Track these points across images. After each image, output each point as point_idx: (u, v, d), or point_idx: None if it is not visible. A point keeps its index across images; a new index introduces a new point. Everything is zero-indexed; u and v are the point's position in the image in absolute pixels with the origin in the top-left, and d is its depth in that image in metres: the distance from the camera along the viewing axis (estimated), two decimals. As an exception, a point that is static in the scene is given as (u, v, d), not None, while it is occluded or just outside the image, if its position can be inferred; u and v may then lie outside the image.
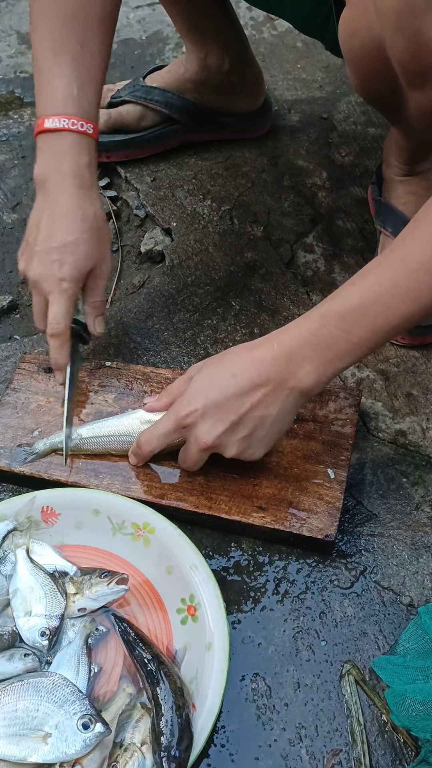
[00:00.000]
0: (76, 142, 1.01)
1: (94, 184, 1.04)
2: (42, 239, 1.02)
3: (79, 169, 1.02)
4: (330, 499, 0.98)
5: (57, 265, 1.00)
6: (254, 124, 1.52)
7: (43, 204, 1.03)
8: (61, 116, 1.00)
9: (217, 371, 0.92)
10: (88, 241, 1.01)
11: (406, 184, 1.24)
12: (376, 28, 0.91)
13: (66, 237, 1.00)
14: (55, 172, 1.02)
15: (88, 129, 1.02)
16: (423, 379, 1.17)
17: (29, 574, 0.89)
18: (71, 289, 1.01)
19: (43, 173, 1.03)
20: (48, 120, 1.01)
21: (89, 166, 1.03)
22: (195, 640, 0.86)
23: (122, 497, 0.97)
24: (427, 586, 0.96)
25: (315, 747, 0.85)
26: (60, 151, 1.01)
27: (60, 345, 1.03)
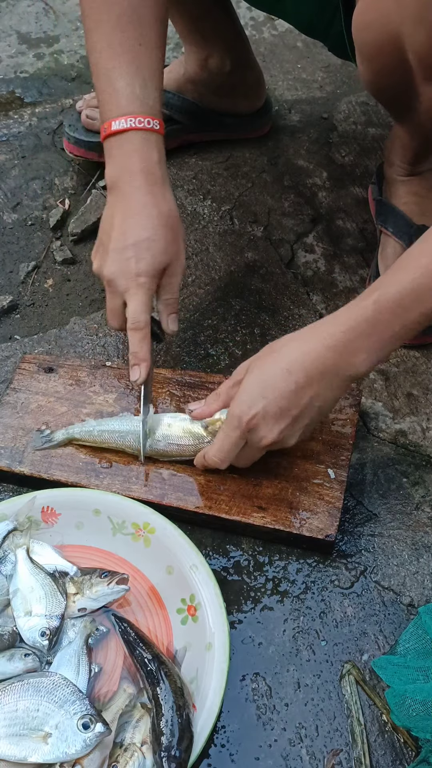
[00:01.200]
0: (144, 139, 1.01)
1: (166, 180, 1.03)
2: (116, 237, 1.00)
3: (149, 166, 1.01)
4: (330, 499, 0.98)
5: (133, 261, 0.99)
6: (254, 124, 1.52)
7: (115, 204, 1.02)
8: (126, 116, 1.00)
9: (271, 369, 0.91)
10: (163, 238, 1.00)
11: (408, 183, 1.24)
12: (393, 20, 0.91)
13: (141, 234, 0.99)
14: (126, 172, 1.01)
15: (154, 125, 1.01)
16: (423, 379, 1.17)
17: (29, 574, 0.89)
18: (148, 283, 1.00)
19: (114, 174, 1.02)
20: (114, 122, 1.00)
21: (159, 162, 1.02)
22: (195, 640, 0.86)
23: (122, 497, 0.97)
24: (428, 586, 0.96)
25: (315, 747, 0.85)
26: (129, 151, 1.01)
27: (141, 339, 1.00)
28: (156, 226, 1.00)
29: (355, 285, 1.30)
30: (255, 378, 0.91)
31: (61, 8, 1.85)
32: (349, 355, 0.88)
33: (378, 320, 0.87)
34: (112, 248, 1.01)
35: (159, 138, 1.02)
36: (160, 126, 1.02)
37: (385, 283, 0.88)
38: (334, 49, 1.25)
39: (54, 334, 1.23)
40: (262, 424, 0.91)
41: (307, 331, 0.92)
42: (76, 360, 1.14)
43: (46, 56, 1.74)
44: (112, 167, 1.03)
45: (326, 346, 0.89)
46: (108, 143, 1.02)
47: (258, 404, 0.90)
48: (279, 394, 0.90)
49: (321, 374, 0.89)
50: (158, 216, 1.00)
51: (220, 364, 1.19)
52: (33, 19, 1.83)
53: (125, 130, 1.00)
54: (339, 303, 1.27)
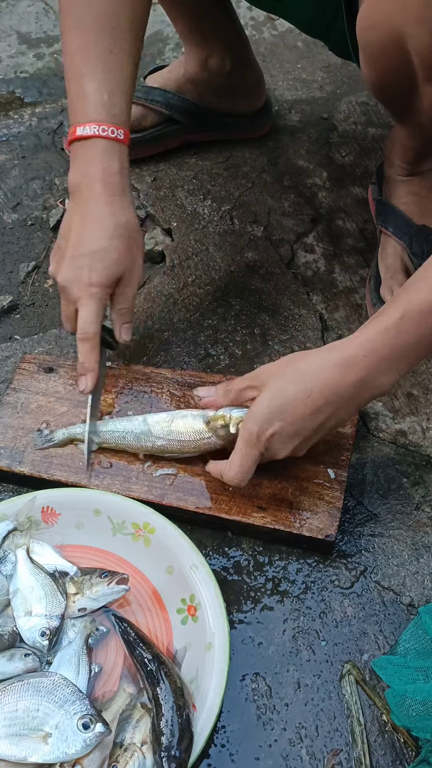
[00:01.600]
0: (107, 148, 1.01)
1: (125, 190, 1.04)
2: (72, 245, 1.02)
3: (110, 176, 1.02)
4: (330, 499, 0.98)
5: (86, 270, 1.00)
6: (255, 124, 1.52)
7: (74, 210, 1.04)
8: (92, 123, 1.01)
9: (291, 390, 0.89)
10: (118, 248, 1.01)
11: (408, 184, 1.24)
12: (397, 20, 0.91)
13: (96, 243, 1.01)
14: (87, 178, 1.02)
15: (118, 135, 1.02)
16: (423, 379, 1.17)
17: (29, 574, 0.89)
18: (99, 294, 1.01)
19: (76, 180, 1.03)
20: (80, 128, 1.01)
21: (120, 172, 1.03)
22: (195, 640, 0.86)
23: (122, 497, 0.97)
24: (428, 586, 0.96)
25: (315, 747, 0.85)
26: (91, 158, 1.02)
27: (90, 349, 1.02)
28: (111, 236, 1.01)
29: (355, 285, 1.30)
30: (274, 396, 0.90)
31: (61, 8, 1.85)
32: (371, 380, 0.88)
33: (400, 344, 0.87)
34: (68, 255, 1.02)
35: (122, 148, 1.03)
36: (124, 135, 1.03)
37: (406, 303, 0.86)
38: (335, 48, 1.25)
39: (54, 334, 1.23)
40: (276, 442, 0.91)
41: (328, 353, 0.90)
42: (76, 360, 1.14)
43: (46, 56, 1.74)
44: (75, 172, 1.04)
45: (347, 373, 0.88)
46: (73, 147, 1.03)
47: (275, 424, 0.89)
48: (297, 417, 0.89)
49: (340, 398, 0.89)
50: (114, 226, 1.01)
51: (220, 364, 1.19)
52: (33, 19, 1.83)
53: (89, 137, 1.01)
54: (339, 303, 1.27)
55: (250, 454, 0.91)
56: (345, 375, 0.88)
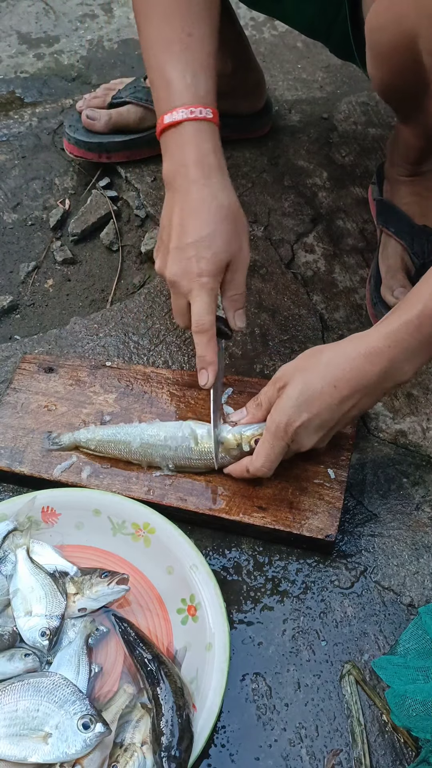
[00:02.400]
0: (197, 129, 0.97)
1: (223, 170, 0.99)
2: (176, 236, 0.97)
3: (204, 156, 0.98)
4: (330, 499, 0.98)
5: (194, 260, 0.96)
6: (254, 125, 1.52)
7: (172, 200, 0.99)
8: (178, 108, 0.97)
9: (317, 382, 0.90)
10: (225, 232, 0.97)
11: (410, 184, 1.24)
12: (409, 20, 0.91)
13: (201, 230, 0.96)
14: (181, 165, 0.98)
15: (207, 114, 0.98)
16: (423, 379, 1.17)
17: (29, 574, 0.89)
18: (211, 283, 0.97)
19: (170, 169, 0.99)
20: (167, 115, 0.98)
21: (215, 151, 0.99)
22: (195, 640, 0.86)
23: (122, 497, 0.97)
24: (428, 586, 0.96)
25: (315, 747, 0.85)
26: (183, 143, 0.98)
27: (207, 341, 0.98)
28: (216, 221, 0.97)
29: (355, 285, 1.30)
30: (300, 389, 0.91)
31: (61, 8, 1.85)
32: (395, 370, 0.90)
33: (423, 333, 0.88)
34: (173, 247, 0.97)
35: (213, 127, 0.99)
36: (213, 114, 0.98)
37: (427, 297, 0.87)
38: (335, 50, 1.25)
39: (54, 334, 1.23)
40: (303, 434, 0.92)
41: (352, 345, 0.91)
42: (77, 360, 1.14)
43: (47, 56, 1.74)
44: (168, 161, 1.00)
45: (372, 363, 0.89)
46: (163, 138, 1.00)
47: (302, 416, 0.91)
48: (324, 408, 0.91)
49: (365, 388, 0.90)
50: (217, 210, 0.97)
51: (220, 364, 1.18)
52: (33, 19, 1.83)
53: (178, 123, 0.97)
54: (339, 303, 1.27)
55: (276, 446, 0.93)
56: (370, 365, 0.89)
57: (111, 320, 1.24)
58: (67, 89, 1.66)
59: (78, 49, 1.75)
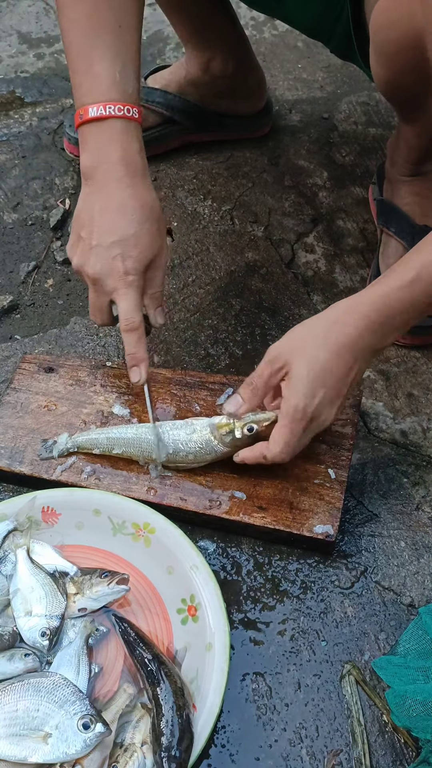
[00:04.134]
0: (124, 128, 0.96)
1: (146, 170, 0.99)
2: (98, 233, 0.97)
3: (130, 156, 0.97)
4: (330, 499, 0.98)
5: (120, 259, 0.96)
6: (255, 125, 1.52)
7: (94, 196, 0.98)
8: (105, 103, 0.95)
9: (322, 355, 0.91)
10: (149, 232, 0.97)
11: (411, 184, 1.24)
12: (417, 20, 0.91)
13: (127, 229, 0.96)
14: (104, 161, 0.97)
15: (134, 114, 0.97)
16: (424, 379, 1.17)
17: (30, 574, 0.89)
18: (138, 281, 0.97)
19: (92, 164, 0.98)
20: (92, 108, 0.96)
21: (140, 152, 0.98)
22: (195, 640, 0.86)
23: (123, 497, 0.97)
24: (428, 587, 0.96)
25: (315, 747, 0.85)
26: (108, 140, 0.97)
27: (137, 339, 0.98)
28: (141, 220, 0.97)
29: (355, 285, 1.30)
30: (310, 366, 0.91)
31: (62, 8, 1.85)
32: (384, 335, 0.93)
33: (414, 301, 0.90)
34: (96, 245, 0.97)
35: (138, 127, 0.98)
36: (138, 114, 0.98)
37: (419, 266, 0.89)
38: (336, 50, 1.25)
39: (54, 334, 1.23)
40: (322, 411, 0.92)
41: (343, 311, 0.92)
42: (77, 360, 1.14)
43: (47, 56, 1.74)
44: (89, 156, 0.98)
45: (366, 327, 0.91)
46: (83, 130, 0.98)
47: (318, 393, 0.91)
48: (336, 379, 0.92)
49: (362, 352, 0.92)
50: (141, 209, 0.97)
51: (220, 364, 1.18)
52: (33, 19, 1.83)
53: (104, 118, 0.96)
54: (339, 303, 1.27)
55: (296, 430, 0.92)
56: (363, 332, 0.91)
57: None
58: (67, 89, 1.65)
59: (78, 49, 1.75)
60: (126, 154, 0.97)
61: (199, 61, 1.40)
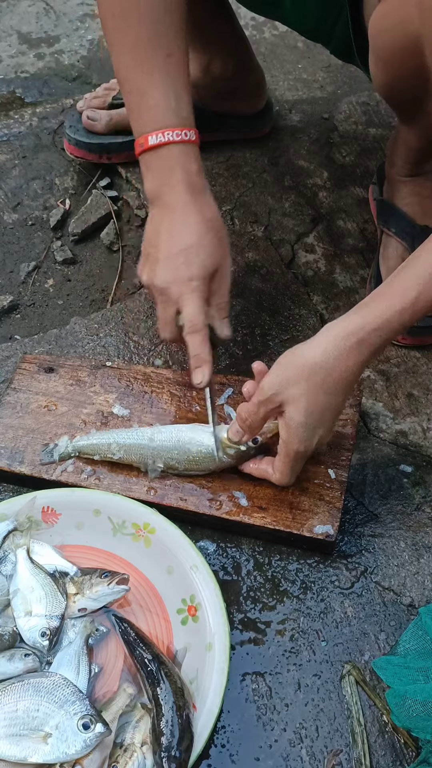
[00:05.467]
0: (183, 152, 1.02)
1: (206, 188, 1.04)
2: (164, 247, 1.02)
3: (191, 177, 1.02)
4: (330, 499, 0.98)
5: (184, 267, 1.00)
6: (255, 125, 1.52)
7: (159, 216, 1.04)
8: (163, 130, 1.01)
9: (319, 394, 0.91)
10: (211, 242, 1.01)
11: (411, 184, 1.24)
12: (414, 23, 0.91)
13: (188, 240, 1.01)
14: (167, 185, 1.02)
15: (191, 137, 1.02)
16: (424, 379, 1.17)
17: (30, 575, 0.89)
18: (201, 286, 1.00)
19: (155, 189, 1.04)
20: (151, 137, 1.01)
21: (198, 172, 1.03)
22: (195, 641, 0.86)
23: (123, 497, 0.97)
24: (428, 587, 0.96)
25: (315, 747, 0.85)
26: (169, 165, 1.02)
27: (201, 341, 1.00)
28: (202, 231, 1.01)
29: (355, 285, 1.30)
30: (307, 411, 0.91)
31: (62, 8, 1.85)
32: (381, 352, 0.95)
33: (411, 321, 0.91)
34: (162, 257, 1.01)
35: (196, 148, 1.03)
36: (196, 136, 1.03)
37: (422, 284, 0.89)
38: (336, 51, 1.25)
39: (54, 334, 1.23)
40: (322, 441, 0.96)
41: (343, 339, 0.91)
42: (77, 360, 1.14)
43: (47, 56, 1.74)
44: (153, 181, 1.04)
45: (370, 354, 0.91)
46: (145, 157, 1.03)
47: (318, 431, 0.94)
48: (335, 413, 0.95)
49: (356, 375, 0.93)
50: (203, 222, 1.01)
51: (220, 364, 1.18)
52: (33, 19, 1.83)
53: (163, 144, 1.01)
54: (339, 303, 1.27)
55: (297, 465, 0.97)
56: (369, 356, 0.91)
57: (111, 320, 1.24)
58: (67, 89, 1.65)
59: (78, 49, 1.75)
60: (187, 176, 1.02)
61: (200, 63, 1.40)
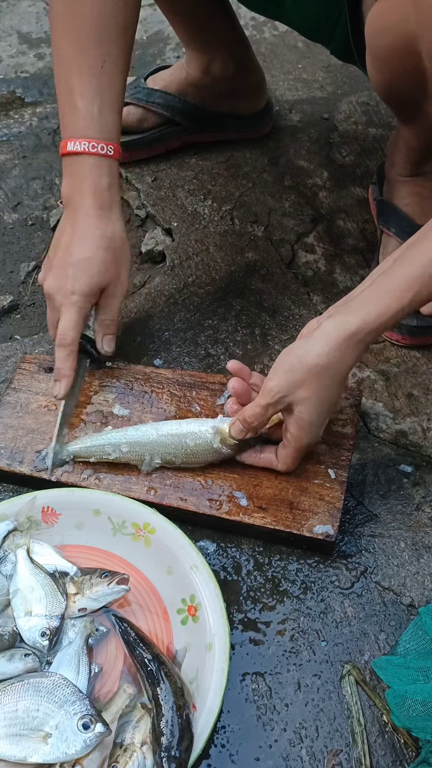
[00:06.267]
0: (96, 164, 1.04)
1: (114, 204, 1.06)
2: (61, 255, 1.05)
3: (99, 191, 1.04)
4: (330, 499, 0.98)
5: (70, 279, 1.03)
6: (255, 125, 1.52)
7: (66, 223, 1.07)
8: (82, 139, 1.03)
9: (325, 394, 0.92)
10: (103, 260, 1.04)
11: (410, 184, 1.24)
12: (410, 24, 0.91)
13: (81, 253, 1.03)
14: (77, 193, 1.05)
15: (108, 151, 1.04)
16: (424, 379, 1.17)
17: (30, 575, 0.89)
18: (80, 302, 1.03)
19: (67, 194, 1.06)
20: (70, 143, 1.04)
21: (110, 187, 1.05)
22: (195, 641, 0.86)
23: (123, 497, 0.97)
24: (428, 587, 0.96)
25: (315, 747, 0.85)
26: (81, 173, 1.04)
27: (66, 355, 1.04)
28: (97, 247, 1.04)
29: (355, 285, 1.29)
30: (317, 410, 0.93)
31: (62, 8, 1.85)
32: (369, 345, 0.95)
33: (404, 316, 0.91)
34: (56, 264, 1.05)
35: (112, 163, 1.05)
36: (114, 151, 1.05)
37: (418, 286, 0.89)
38: (336, 52, 1.25)
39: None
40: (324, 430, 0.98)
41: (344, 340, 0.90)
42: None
43: (47, 56, 1.74)
44: (66, 186, 1.07)
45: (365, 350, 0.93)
46: (65, 161, 1.06)
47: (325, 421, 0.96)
48: (334, 407, 0.97)
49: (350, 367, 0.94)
50: (101, 238, 1.04)
51: (220, 364, 1.18)
52: (34, 19, 1.83)
53: (80, 153, 1.03)
54: (339, 303, 1.27)
55: (301, 456, 0.98)
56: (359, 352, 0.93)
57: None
58: (67, 89, 1.65)
59: (78, 49, 1.75)
60: (95, 190, 1.05)
61: (200, 63, 1.40)
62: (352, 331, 0.90)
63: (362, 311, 0.91)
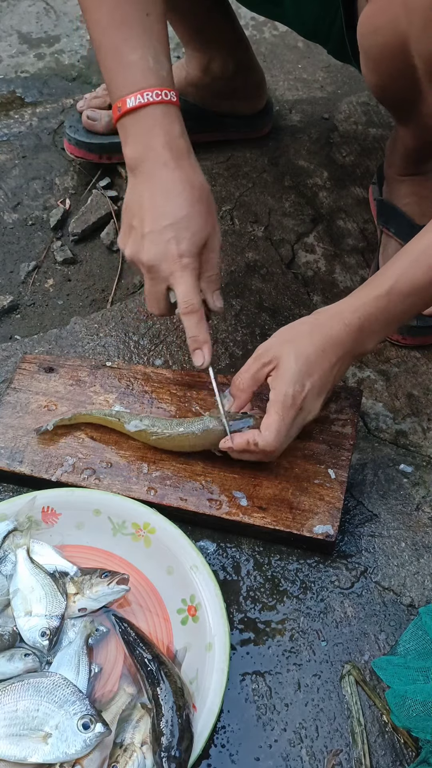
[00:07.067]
0: (165, 112, 0.96)
1: (190, 152, 0.99)
2: (150, 219, 0.96)
3: (174, 139, 0.97)
4: (330, 499, 0.98)
5: (174, 242, 0.95)
6: (255, 125, 1.52)
7: (141, 185, 0.97)
8: (143, 90, 0.95)
9: (309, 349, 0.93)
10: (201, 213, 0.96)
11: (409, 183, 1.24)
12: (401, 24, 0.91)
13: (177, 212, 0.95)
14: (149, 150, 0.96)
15: (172, 97, 0.96)
16: (424, 379, 1.17)
17: (29, 574, 0.89)
18: (192, 264, 0.96)
19: (136, 154, 0.97)
20: (129, 99, 0.95)
21: (182, 134, 0.98)
22: (195, 641, 0.86)
23: (123, 497, 0.97)
24: (428, 587, 0.96)
25: (315, 747, 0.85)
26: (149, 127, 0.96)
27: (198, 321, 0.97)
28: (192, 202, 0.96)
29: (355, 285, 1.29)
30: (297, 358, 0.93)
31: (62, 8, 1.85)
32: (364, 339, 0.96)
33: (390, 310, 0.94)
34: (148, 231, 0.96)
35: (177, 110, 0.97)
36: (176, 97, 0.97)
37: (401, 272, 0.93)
38: (334, 52, 1.25)
39: (54, 334, 1.23)
40: (310, 400, 0.94)
41: (328, 317, 0.96)
42: (77, 360, 1.14)
43: (47, 56, 1.74)
44: (133, 146, 0.98)
45: (347, 333, 0.94)
46: (124, 122, 0.97)
47: (307, 382, 0.93)
48: (323, 372, 0.94)
49: (344, 354, 0.95)
50: (191, 190, 0.96)
51: (220, 364, 1.18)
52: (34, 19, 1.83)
53: (144, 105, 0.95)
54: (339, 303, 1.27)
55: (286, 417, 0.92)
56: (345, 335, 0.94)
57: (111, 320, 1.24)
58: (67, 89, 1.66)
59: (78, 49, 1.75)
60: (169, 138, 0.96)
61: (199, 62, 1.40)
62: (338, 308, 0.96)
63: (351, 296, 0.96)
